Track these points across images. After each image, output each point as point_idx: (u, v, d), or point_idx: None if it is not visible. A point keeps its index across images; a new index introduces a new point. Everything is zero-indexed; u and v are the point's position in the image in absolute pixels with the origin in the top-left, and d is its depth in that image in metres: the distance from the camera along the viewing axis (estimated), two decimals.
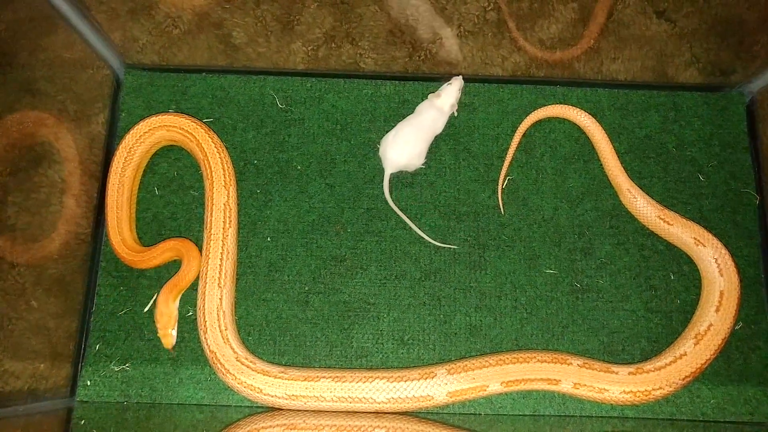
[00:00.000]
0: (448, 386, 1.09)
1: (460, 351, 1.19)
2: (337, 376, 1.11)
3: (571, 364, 1.11)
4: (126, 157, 1.24)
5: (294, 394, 1.09)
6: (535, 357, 1.12)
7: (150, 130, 1.26)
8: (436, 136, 1.29)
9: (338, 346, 1.20)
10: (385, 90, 1.35)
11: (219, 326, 1.14)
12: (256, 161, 1.30)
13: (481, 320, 1.21)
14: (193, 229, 1.26)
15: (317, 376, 1.11)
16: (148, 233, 1.26)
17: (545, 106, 1.32)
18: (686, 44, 1.29)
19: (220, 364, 1.12)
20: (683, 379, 1.11)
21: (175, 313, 1.17)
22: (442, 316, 1.21)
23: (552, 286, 1.23)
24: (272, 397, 1.10)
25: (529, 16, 1.25)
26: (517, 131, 1.30)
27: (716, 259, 1.18)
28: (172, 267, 1.22)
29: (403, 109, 1.34)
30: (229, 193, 1.22)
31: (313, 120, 1.33)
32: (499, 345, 1.20)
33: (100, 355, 1.19)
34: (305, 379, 1.10)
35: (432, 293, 1.22)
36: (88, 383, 1.17)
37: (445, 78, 1.33)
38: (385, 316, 1.21)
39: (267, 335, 1.20)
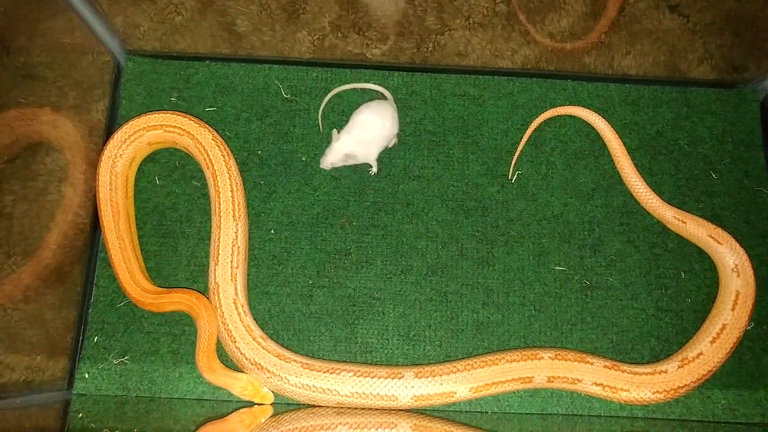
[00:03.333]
0: (414, 389, 1.07)
1: (467, 348, 1.17)
2: (306, 363, 1.09)
3: (542, 358, 1.09)
4: (111, 181, 1.18)
5: (261, 365, 1.08)
6: (504, 358, 1.10)
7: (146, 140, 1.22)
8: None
9: (342, 342, 1.17)
10: (393, 81, 1.33)
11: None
12: (260, 152, 1.27)
13: (488, 317, 1.19)
14: (194, 220, 1.23)
15: (289, 358, 1.10)
16: (149, 224, 1.23)
17: (557, 102, 1.30)
18: (699, 40, 1.27)
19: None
20: (671, 391, 1.09)
21: (236, 376, 1.09)
22: (448, 312, 1.19)
23: (561, 283, 1.21)
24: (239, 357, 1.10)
25: (540, 9, 1.22)
26: (530, 127, 1.28)
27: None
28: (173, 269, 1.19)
29: (411, 101, 1.31)
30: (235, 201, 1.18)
31: (318, 111, 1.30)
32: (506, 342, 1.17)
33: (98, 347, 1.16)
34: (277, 356, 1.09)
35: (438, 289, 1.20)
36: (86, 376, 1.14)
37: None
38: (391, 311, 1.19)
39: (270, 329, 1.18)
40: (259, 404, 1.09)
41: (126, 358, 1.15)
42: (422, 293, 1.20)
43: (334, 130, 1.23)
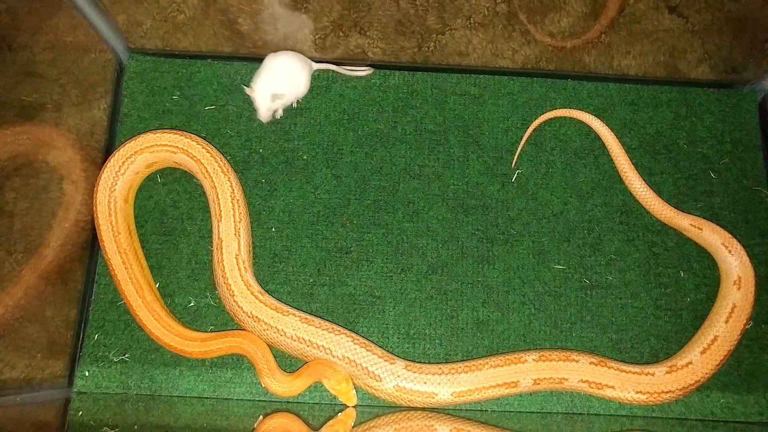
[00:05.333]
0: (398, 380, 1.07)
1: (467, 346, 1.17)
2: (305, 318, 1.10)
3: (526, 360, 1.09)
4: (113, 232, 1.16)
5: (258, 317, 1.09)
6: (488, 363, 1.09)
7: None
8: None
9: None
10: (393, 80, 1.33)
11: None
12: (261, 150, 1.28)
13: (488, 315, 1.19)
14: (195, 218, 1.23)
15: (287, 312, 1.10)
16: (150, 221, 1.23)
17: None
18: (698, 40, 1.28)
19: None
20: (660, 394, 1.09)
21: (312, 379, 1.08)
22: (448, 310, 1.19)
23: (560, 281, 1.21)
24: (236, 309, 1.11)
25: (540, 9, 1.23)
26: (530, 127, 1.29)
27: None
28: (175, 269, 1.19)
29: (412, 100, 1.32)
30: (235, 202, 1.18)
31: (320, 109, 1.31)
32: (506, 341, 1.18)
33: (98, 345, 1.16)
34: (275, 309, 1.10)
35: (439, 287, 1.20)
36: (87, 374, 1.14)
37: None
38: (391, 309, 1.19)
39: None
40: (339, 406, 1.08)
41: (126, 355, 1.15)
42: (422, 291, 1.20)
43: (245, 87, 1.24)
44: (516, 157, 1.27)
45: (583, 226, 1.25)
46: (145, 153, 1.19)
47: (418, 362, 1.12)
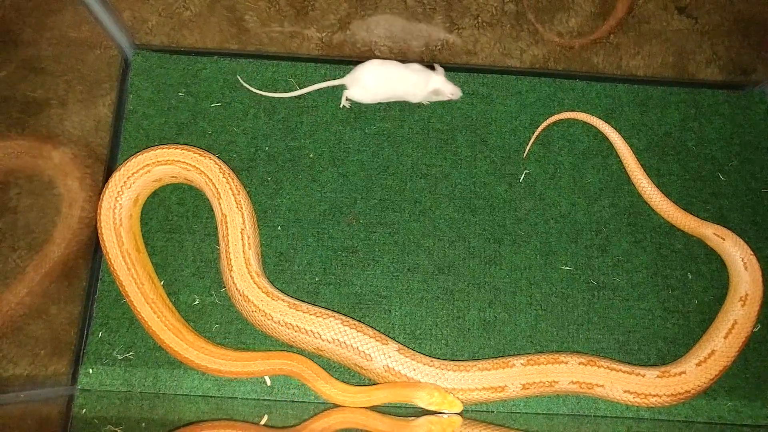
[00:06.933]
0: (389, 360, 1.06)
1: (473, 347, 1.17)
2: (293, 304, 1.10)
3: (514, 365, 1.08)
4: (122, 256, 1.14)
5: (249, 297, 1.09)
6: (476, 366, 1.08)
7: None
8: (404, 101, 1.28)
9: None
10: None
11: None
12: (267, 148, 1.27)
13: (495, 316, 1.18)
14: (200, 216, 1.23)
15: (277, 297, 1.10)
16: (155, 219, 1.22)
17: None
18: (707, 41, 1.27)
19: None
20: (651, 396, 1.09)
21: (416, 387, 1.04)
22: (455, 311, 1.19)
23: (568, 282, 1.20)
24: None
25: (549, 9, 1.22)
26: (538, 129, 1.28)
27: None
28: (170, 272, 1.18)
29: None
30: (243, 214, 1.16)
31: (327, 107, 1.30)
32: (512, 342, 1.17)
33: (102, 342, 1.15)
34: (266, 293, 1.10)
35: (445, 287, 1.20)
36: (90, 371, 1.14)
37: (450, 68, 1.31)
38: (397, 309, 1.19)
39: None
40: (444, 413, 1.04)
41: (130, 353, 1.15)
42: (429, 291, 1.20)
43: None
44: (527, 150, 1.27)
45: (591, 227, 1.24)
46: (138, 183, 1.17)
47: (411, 350, 1.11)
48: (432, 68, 1.28)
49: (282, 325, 1.08)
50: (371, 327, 1.11)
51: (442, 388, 1.05)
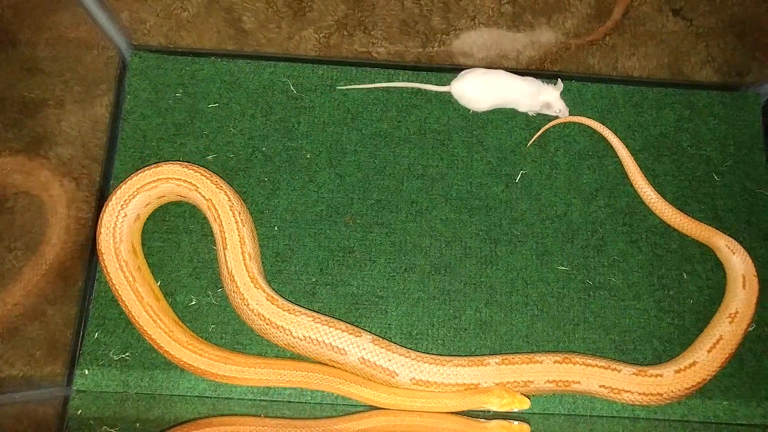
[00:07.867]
0: (363, 352, 1.06)
1: (470, 347, 1.17)
2: (271, 297, 1.10)
3: (489, 364, 1.08)
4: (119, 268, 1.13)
5: (234, 278, 1.09)
6: (452, 361, 1.08)
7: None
8: (513, 110, 1.30)
9: None
10: (398, 79, 1.33)
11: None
12: (264, 148, 1.27)
13: (491, 316, 1.19)
14: (197, 216, 1.23)
15: (259, 286, 1.10)
16: (152, 219, 1.22)
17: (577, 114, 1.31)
18: (702, 43, 1.28)
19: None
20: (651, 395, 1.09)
21: (485, 391, 1.03)
22: (451, 311, 1.19)
23: (564, 282, 1.21)
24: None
25: (545, 10, 1.23)
26: (538, 132, 1.29)
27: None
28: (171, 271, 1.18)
29: (416, 99, 1.32)
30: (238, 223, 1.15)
31: (324, 108, 1.30)
32: (509, 341, 1.17)
33: (99, 343, 1.15)
34: (251, 279, 1.10)
35: (442, 287, 1.20)
36: (86, 372, 1.13)
37: (459, 70, 1.31)
38: (394, 309, 1.19)
39: None
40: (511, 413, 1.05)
41: (126, 354, 1.15)
42: (425, 292, 1.20)
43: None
44: (532, 141, 1.28)
45: (587, 228, 1.24)
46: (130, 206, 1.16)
47: (385, 340, 1.11)
48: (554, 83, 1.29)
49: (255, 316, 1.08)
50: (344, 322, 1.11)
51: (509, 388, 1.05)
